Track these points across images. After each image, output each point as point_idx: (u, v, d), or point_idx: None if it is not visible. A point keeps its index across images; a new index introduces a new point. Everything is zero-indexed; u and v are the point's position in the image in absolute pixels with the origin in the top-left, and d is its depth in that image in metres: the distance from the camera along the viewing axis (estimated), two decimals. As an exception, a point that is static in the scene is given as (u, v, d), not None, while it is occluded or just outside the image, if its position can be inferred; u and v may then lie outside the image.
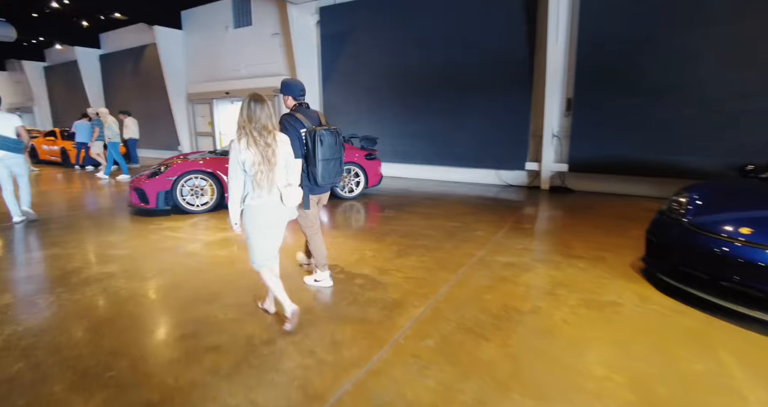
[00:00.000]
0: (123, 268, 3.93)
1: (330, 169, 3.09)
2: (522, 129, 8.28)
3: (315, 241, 3.38)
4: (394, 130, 9.73)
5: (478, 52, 8.47)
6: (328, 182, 3.14)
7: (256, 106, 2.46)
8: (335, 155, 3.11)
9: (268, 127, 2.48)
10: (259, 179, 2.44)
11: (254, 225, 2.59)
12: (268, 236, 2.66)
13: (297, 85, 3.20)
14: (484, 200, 7.16)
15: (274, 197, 2.56)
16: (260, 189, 2.48)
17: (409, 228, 5.19)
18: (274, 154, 2.47)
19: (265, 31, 11.63)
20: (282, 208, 2.63)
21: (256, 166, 2.42)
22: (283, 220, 2.69)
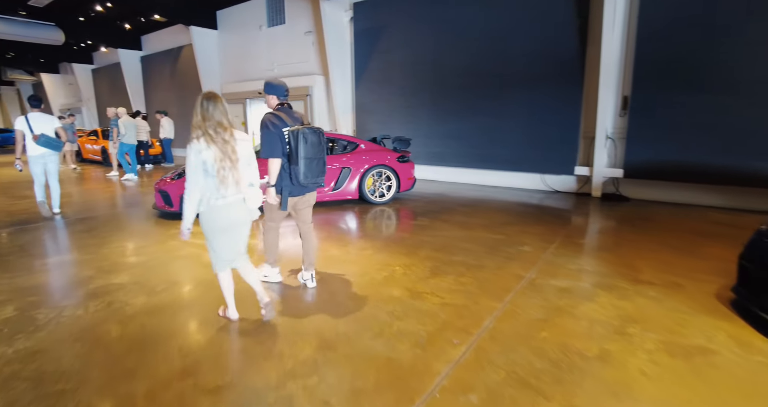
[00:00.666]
0: (134, 279, 3.64)
1: (313, 168, 3.07)
2: (571, 130, 7.53)
3: (269, 235, 3.39)
4: (428, 130, 9.20)
5: (521, 46, 7.79)
6: (311, 181, 3.12)
7: (209, 104, 2.44)
8: (318, 154, 3.09)
9: (223, 123, 2.45)
10: (223, 176, 2.40)
11: (215, 228, 2.54)
12: (232, 238, 2.62)
13: (281, 85, 3.21)
14: (528, 208, 6.51)
15: (238, 197, 2.54)
16: (225, 187, 2.44)
17: (444, 240, 4.67)
18: (234, 151, 2.45)
19: (298, 30, 11.39)
20: (244, 209, 2.60)
21: (218, 163, 2.39)
22: (246, 221, 2.66)
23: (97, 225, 5.63)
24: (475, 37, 8.31)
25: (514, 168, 8.29)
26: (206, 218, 2.53)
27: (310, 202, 3.39)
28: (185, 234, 2.55)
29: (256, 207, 2.66)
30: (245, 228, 2.68)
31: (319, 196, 6.42)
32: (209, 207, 2.49)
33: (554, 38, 7.43)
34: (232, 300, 2.81)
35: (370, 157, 6.72)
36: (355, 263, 3.97)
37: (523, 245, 4.51)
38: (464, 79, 8.54)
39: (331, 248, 4.45)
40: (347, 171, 6.53)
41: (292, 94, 11.50)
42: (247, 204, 2.60)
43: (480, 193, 7.87)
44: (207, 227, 2.55)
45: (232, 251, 2.66)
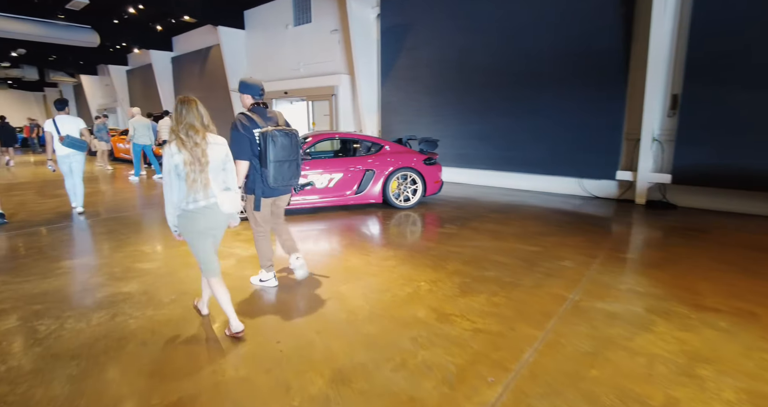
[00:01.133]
0: (143, 288, 3.45)
1: (284, 171, 3.01)
2: (613, 131, 6.96)
3: (261, 243, 3.32)
4: (456, 130, 8.78)
5: (558, 42, 7.27)
6: (281, 184, 3.07)
7: (182, 107, 2.45)
8: (290, 157, 3.02)
9: (195, 127, 2.43)
10: (191, 180, 2.38)
11: (193, 231, 2.51)
12: (210, 243, 2.59)
13: (256, 84, 3.13)
14: (566, 216, 6.01)
15: (210, 201, 2.49)
16: (195, 192, 2.42)
17: (474, 252, 4.28)
18: (204, 154, 2.42)
19: (324, 28, 11.20)
20: (219, 213, 2.55)
21: (187, 167, 2.38)
22: (222, 225, 2.63)
23: (117, 226, 5.54)
24: (508, 34, 7.84)
25: (549, 171, 7.77)
26: (183, 222, 2.50)
27: (283, 204, 3.39)
28: (175, 235, 2.57)
29: (232, 211, 2.60)
30: (219, 233, 2.66)
31: (341, 199, 6.15)
32: (184, 212, 2.47)
33: (595, 33, 6.88)
34: (232, 311, 2.65)
35: (395, 159, 6.39)
36: (377, 276, 3.65)
37: (562, 259, 4.07)
38: (495, 77, 8.08)
39: (352, 257, 4.15)
40: (371, 173, 6.22)
41: (317, 93, 11.38)
42: (221, 209, 2.54)
43: (511, 197, 7.40)
44: (185, 231, 2.52)
45: (214, 257, 2.62)
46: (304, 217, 5.92)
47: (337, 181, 6.07)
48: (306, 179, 5.89)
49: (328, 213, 6.14)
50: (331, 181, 6.05)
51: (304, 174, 5.91)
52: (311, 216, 6.00)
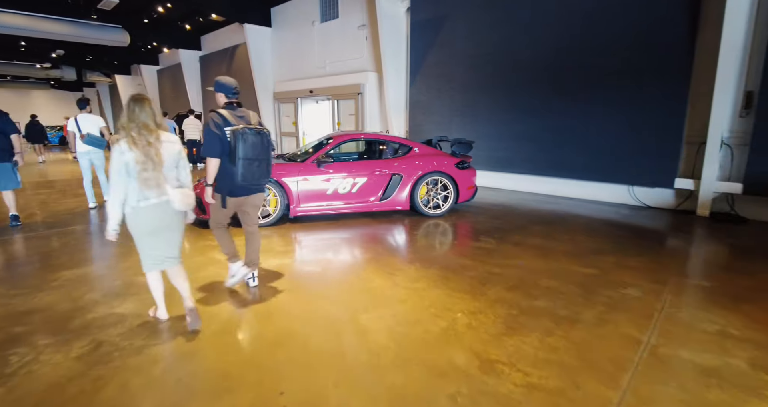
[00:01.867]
0: (139, 309, 3.03)
1: (253, 170, 3.00)
2: (672, 133, 6.15)
3: (219, 236, 3.32)
4: (492, 131, 8.12)
5: (610, 34, 6.51)
6: (250, 182, 3.05)
7: (135, 106, 2.44)
8: (260, 156, 3.01)
9: (149, 126, 2.45)
10: (144, 178, 2.39)
11: (141, 230, 2.53)
12: (160, 240, 2.61)
13: (230, 83, 3.14)
14: (620, 229, 5.28)
15: (162, 199, 2.51)
16: (148, 189, 2.43)
17: (519, 274, 3.67)
18: (157, 153, 2.44)
19: (351, 24, 10.74)
20: (172, 211, 2.57)
21: (140, 165, 2.38)
22: (175, 223, 2.64)
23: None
24: (552, 25, 7.13)
25: (596, 177, 7.01)
26: (131, 220, 2.51)
27: (256, 204, 3.30)
28: (111, 234, 2.51)
29: (185, 208, 2.62)
30: (175, 230, 2.66)
31: (365, 206, 5.65)
32: (133, 209, 2.47)
33: (654, 22, 6.10)
34: (162, 302, 2.80)
35: (425, 163, 5.83)
36: (404, 302, 3.11)
37: (625, 286, 3.41)
38: (537, 73, 7.38)
39: (375, 276, 3.62)
40: (398, 178, 5.68)
41: (343, 92, 10.91)
42: (173, 206, 2.55)
43: (554, 205, 6.69)
44: (132, 229, 2.54)
45: (160, 254, 2.64)
46: (323, 224, 5.44)
47: (360, 185, 5.57)
48: (328, 183, 5.43)
49: (350, 221, 5.64)
50: (354, 186, 5.55)
51: (327, 178, 5.45)
52: (332, 223, 5.52)
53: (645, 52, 6.22)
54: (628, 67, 6.39)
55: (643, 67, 6.26)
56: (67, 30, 13.95)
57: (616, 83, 6.53)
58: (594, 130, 6.85)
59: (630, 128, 6.49)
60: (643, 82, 6.29)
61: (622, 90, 6.48)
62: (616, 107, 6.59)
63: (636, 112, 6.40)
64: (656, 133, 6.26)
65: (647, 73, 6.24)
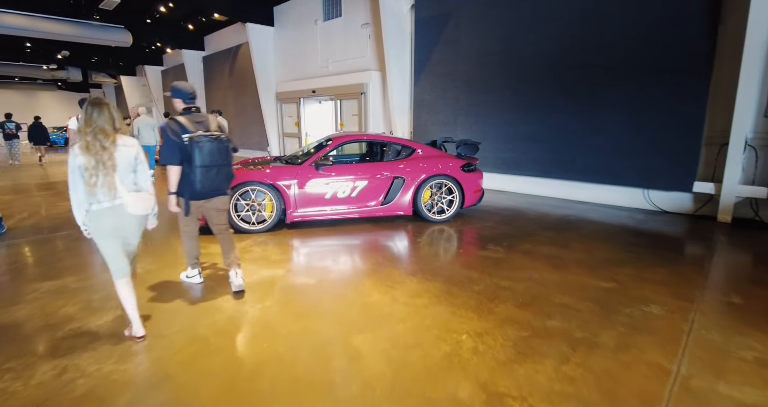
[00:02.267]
0: (116, 326, 2.79)
1: (211, 176, 3.01)
2: (690, 134, 5.81)
3: (185, 242, 3.36)
4: (499, 132, 7.82)
5: (623, 29, 6.18)
6: (209, 189, 3.06)
7: (93, 110, 2.43)
8: (218, 162, 3.02)
9: (106, 130, 2.44)
10: (92, 183, 2.40)
11: (98, 232, 2.51)
12: (118, 244, 2.56)
13: (187, 89, 3.13)
14: (636, 236, 4.96)
15: (116, 203, 2.49)
16: (97, 194, 2.43)
17: (530, 288, 3.38)
18: (111, 158, 2.43)
19: (354, 22, 10.48)
20: (126, 214, 2.53)
21: (90, 170, 2.39)
22: (130, 227, 2.59)
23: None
24: (561, 21, 6.81)
25: (608, 180, 6.68)
26: (89, 223, 2.49)
27: (218, 207, 3.28)
28: (84, 233, 2.53)
29: (140, 212, 2.58)
30: (132, 235, 2.62)
31: (365, 210, 5.38)
32: (88, 213, 2.47)
33: (671, 16, 5.76)
34: (136, 314, 2.63)
35: (429, 165, 5.55)
36: (403, 321, 2.83)
37: (647, 302, 3.10)
38: (546, 71, 7.06)
39: (374, 290, 3.34)
40: (400, 181, 5.41)
41: (345, 92, 10.63)
42: (128, 210, 2.51)
43: (565, 210, 6.37)
44: (92, 231, 2.51)
45: (123, 258, 2.59)
46: (322, 231, 5.18)
47: (361, 189, 5.30)
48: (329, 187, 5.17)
49: (349, 226, 5.38)
50: (354, 190, 5.28)
51: (325, 182, 5.19)
52: (330, 229, 5.26)
53: (662, 47, 5.88)
54: (644, 65, 6.05)
55: (660, 63, 5.92)
56: (69, 30, 13.85)
57: (631, 81, 6.19)
58: (607, 130, 6.52)
59: (645, 128, 6.16)
60: (659, 79, 5.95)
61: (637, 88, 6.15)
62: (631, 106, 6.25)
63: (651, 111, 6.07)
64: (673, 133, 5.92)
65: (664, 70, 5.90)
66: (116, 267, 2.56)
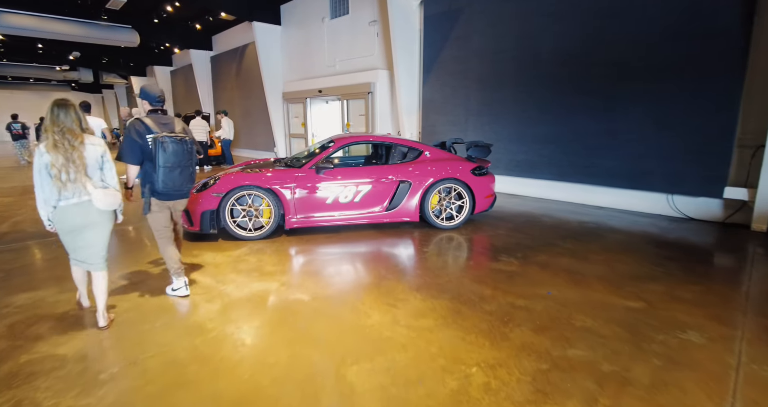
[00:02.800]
0: (86, 349, 2.52)
1: (174, 177, 3.06)
2: (721, 135, 5.38)
3: (161, 247, 3.28)
4: (513, 133, 7.44)
5: (646, 24, 5.77)
6: (171, 190, 3.11)
7: (59, 111, 2.53)
8: (181, 163, 3.08)
9: (74, 130, 2.55)
10: (63, 180, 2.49)
11: (62, 228, 2.63)
12: (82, 240, 2.69)
13: (154, 92, 3.18)
14: (662, 247, 4.56)
15: (84, 198, 2.60)
16: (66, 190, 2.53)
17: (549, 308, 3.02)
18: (80, 156, 2.54)
19: (362, 20, 10.18)
20: (93, 210, 2.64)
21: (57, 168, 2.47)
22: (97, 223, 2.69)
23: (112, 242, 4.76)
24: (580, 15, 6.41)
25: (629, 184, 6.26)
26: (54, 218, 2.60)
27: (178, 209, 3.35)
28: (48, 228, 2.65)
29: (107, 208, 2.69)
30: (98, 232, 2.73)
31: (369, 216, 5.07)
32: (55, 209, 2.57)
33: (699, 7, 5.33)
34: (84, 290, 2.97)
35: (437, 168, 5.21)
36: (405, 348, 2.50)
37: (683, 328, 2.73)
38: (563, 68, 6.66)
39: (373, 309, 3.02)
40: (405, 186, 5.08)
41: (352, 91, 10.31)
42: (95, 205, 2.62)
43: (583, 216, 5.98)
44: (58, 226, 2.63)
45: (83, 253, 2.73)
46: (322, 238, 4.88)
47: (364, 194, 4.99)
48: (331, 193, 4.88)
49: (352, 234, 5.07)
50: (357, 195, 4.97)
51: (326, 186, 4.90)
52: (331, 236, 4.96)
53: (691, 41, 5.45)
54: (670, 60, 5.63)
55: (688, 59, 5.49)
56: (77, 31, 13.79)
57: (655, 78, 5.77)
58: (628, 131, 6.11)
59: (670, 129, 5.74)
60: (686, 76, 5.52)
61: (662, 85, 5.73)
62: (655, 105, 5.83)
63: (678, 110, 5.65)
64: (702, 134, 5.49)
65: (691, 67, 5.47)
66: (73, 257, 2.77)
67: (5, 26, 12.97)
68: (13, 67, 25.02)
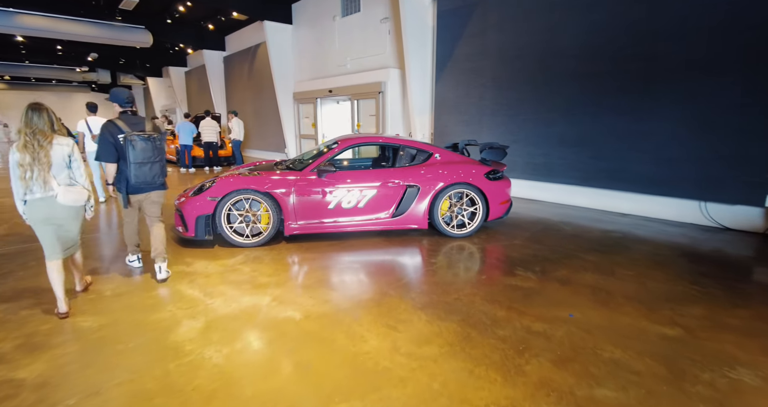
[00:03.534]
0: (47, 374, 2.26)
1: (144, 172, 3.34)
2: (763, 138, 4.89)
3: (126, 231, 3.75)
4: (530, 134, 7.03)
5: (681, 18, 5.31)
6: (142, 183, 3.38)
7: (33, 114, 2.76)
8: (150, 159, 3.34)
9: (45, 132, 2.78)
10: (27, 177, 2.70)
11: (33, 220, 2.83)
12: (53, 231, 2.88)
13: (123, 94, 3.46)
14: (696, 259, 4.11)
15: (48, 194, 2.79)
16: (31, 186, 2.73)
17: (570, 334, 2.64)
18: (47, 155, 2.75)
19: (374, 17, 9.88)
20: (59, 206, 2.84)
21: (24, 166, 2.69)
22: (64, 216, 2.90)
23: (99, 245, 4.56)
24: (607, 5, 5.97)
25: (657, 190, 5.80)
26: (27, 212, 2.82)
27: (153, 199, 3.59)
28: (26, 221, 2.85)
29: (70, 204, 2.87)
30: (67, 225, 2.94)
31: (373, 223, 4.75)
32: (27, 204, 2.78)
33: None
34: (61, 293, 2.92)
35: (448, 172, 4.86)
36: (403, 384, 2.17)
37: (733, 364, 2.33)
38: (587, 65, 6.23)
39: (371, 332, 2.69)
40: (413, 190, 4.74)
41: (363, 91, 9.98)
42: (58, 201, 2.81)
43: (606, 224, 5.54)
44: (29, 219, 2.83)
45: (56, 243, 2.90)
46: (323, 246, 4.58)
47: (369, 199, 4.66)
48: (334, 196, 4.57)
49: (355, 241, 4.76)
50: (361, 200, 4.65)
51: (329, 190, 4.59)
52: (333, 244, 4.65)
53: (729, 37, 4.98)
54: (705, 58, 5.16)
55: (726, 56, 5.02)
56: (91, 31, 13.86)
57: (691, 75, 5.31)
58: (658, 132, 5.64)
59: (706, 130, 5.27)
60: (724, 74, 5.05)
61: (698, 83, 5.26)
62: (689, 106, 5.37)
63: (714, 110, 5.17)
64: (742, 135, 5.01)
65: (731, 63, 5.00)
66: (49, 251, 2.89)
67: (22, 27, 13.12)
68: (35, 68, 25.53)
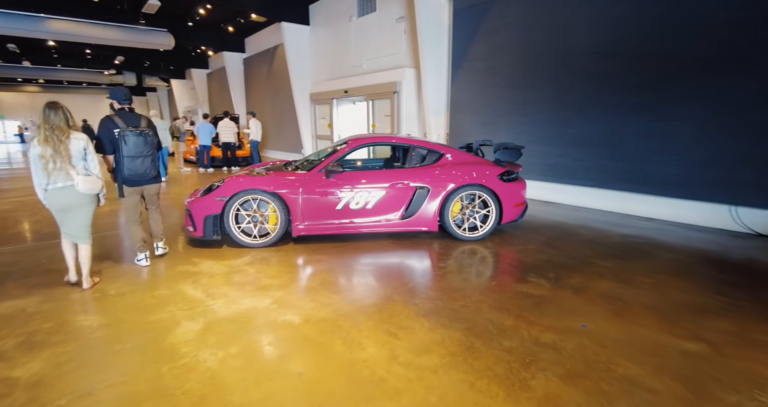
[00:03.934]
0: (42, 373, 2.25)
1: (137, 165, 3.67)
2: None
3: (130, 228, 3.88)
4: (546, 134, 6.80)
5: (706, 13, 5.01)
6: (135, 175, 3.71)
7: (50, 112, 3.08)
8: (143, 153, 3.68)
9: (61, 127, 3.10)
10: (50, 169, 3.05)
11: (53, 208, 3.20)
12: (69, 218, 3.24)
13: (121, 92, 3.74)
14: (724, 268, 3.85)
15: (68, 183, 3.14)
16: (54, 177, 3.08)
17: (582, 347, 2.48)
18: (66, 148, 3.09)
19: (389, 16, 9.80)
20: (76, 193, 3.19)
21: (47, 158, 3.03)
22: (79, 204, 3.24)
23: (109, 245, 4.60)
24: (627, 2, 5.71)
25: (683, 193, 5.50)
26: (46, 199, 3.17)
27: (151, 193, 3.95)
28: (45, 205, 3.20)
29: (87, 192, 3.20)
30: (82, 211, 3.27)
31: (382, 225, 4.65)
32: (45, 191, 3.13)
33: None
34: (72, 265, 3.38)
35: (460, 173, 4.72)
36: (398, 395, 2.05)
37: (764, 385, 2.12)
38: (607, 63, 5.97)
39: (370, 339, 2.58)
40: (423, 192, 4.62)
41: (378, 91, 9.89)
42: (77, 189, 3.14)
43: (627, 228, 5.28)
44: (50, 205, 3.18)
45: (71, 229, 3.27)
46: (330, 248, 4.50)
47: (377, 200, 4.57)
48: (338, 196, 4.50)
49: (363, 243, 4.66)
50: (369, 201, 4.56)
51: (336, 191, 4.52)
52: (341, 246, 4.57)
53: (757, 32, 4.67)
54: (734, 54, 4.86)
55: (756, 52, 4.71)
56: (115, 35, 14.29)
57: (716, 75, 5.01)
58: (684, 132, 5.35)
59: (736, 129, 4.96)
60: (753, 71, 4.74)
61: (729, 80, 4.96)
62: (716, 104, 5.07)
63: (744, 111, 4.86)
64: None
65: (761, 59, 4.69)
66: (63, 232, 3.28)
67: (53, 32, 13.63)
68: (66, 71, 26.49)
